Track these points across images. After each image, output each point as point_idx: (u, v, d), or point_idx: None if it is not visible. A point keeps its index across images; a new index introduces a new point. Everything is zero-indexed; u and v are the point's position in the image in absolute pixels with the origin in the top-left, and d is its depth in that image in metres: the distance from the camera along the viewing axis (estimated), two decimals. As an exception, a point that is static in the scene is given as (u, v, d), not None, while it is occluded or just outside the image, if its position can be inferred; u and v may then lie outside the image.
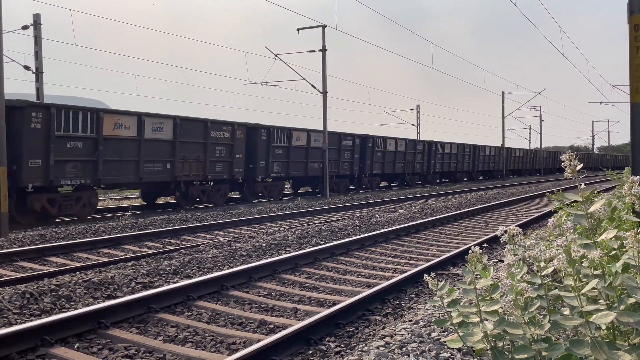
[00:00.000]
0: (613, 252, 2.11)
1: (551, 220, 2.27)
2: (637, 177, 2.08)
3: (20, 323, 5.06)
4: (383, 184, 34.66)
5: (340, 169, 27.16)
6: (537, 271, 1.99)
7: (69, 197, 15.01)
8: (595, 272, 1.89)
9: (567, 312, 1.88)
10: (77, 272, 7.43)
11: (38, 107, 14.05)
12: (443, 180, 41.81)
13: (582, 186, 2.09)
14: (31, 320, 5.10)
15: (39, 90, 21.01)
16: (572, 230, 2.15)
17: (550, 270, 1.93)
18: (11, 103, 12.98)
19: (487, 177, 49.05)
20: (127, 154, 16.21)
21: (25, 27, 20.88)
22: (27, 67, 21.08)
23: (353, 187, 29.84)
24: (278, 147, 22.72)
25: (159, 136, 17.21)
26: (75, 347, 4.66)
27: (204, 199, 19.60)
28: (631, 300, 1.79)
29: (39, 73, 20.99)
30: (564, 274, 1.87)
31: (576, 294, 1.79)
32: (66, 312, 5.31)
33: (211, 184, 20.02)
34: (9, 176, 12.51)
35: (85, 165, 15.01)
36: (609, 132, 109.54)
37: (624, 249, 2.01)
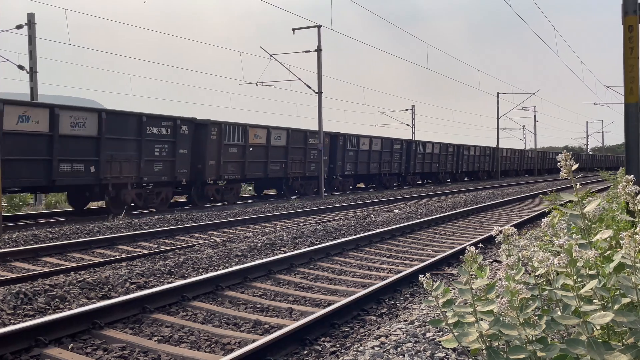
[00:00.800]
0: (607, 253, 2.12)
1: (545, 220, 2.28)
2: (632, 176, 2.09)
3: (14, 323, 5.03)
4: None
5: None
6: (531, 271, 2.00)
7: None
8: (590, 273, 1.90)
9: (559, 312, 1.89)
10: (72, 273, 7.40)
11: None
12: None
13: (578, 186, 2.09)
14: (25, 321, 5.07)
15: (33, 90, 20.93)
16: (565, 231, 2.16)
17: (543, 271, 1.94)
18: None
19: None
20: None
21: (19, 27, 20.80)
22: (21, 67, 21.00)
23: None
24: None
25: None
26: (70, 347, 4.64)
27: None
28: (625, 300, 1.80)
29: (33, 72, 20.91)
30: (552, 276, 1.88)
31: (574, 293, 1.80)
32: (60, 312, 5.29)
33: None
34: None
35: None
36: (603, 132, 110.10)
37: (617, 249, 2.01)
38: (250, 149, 21.03)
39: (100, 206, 18.50)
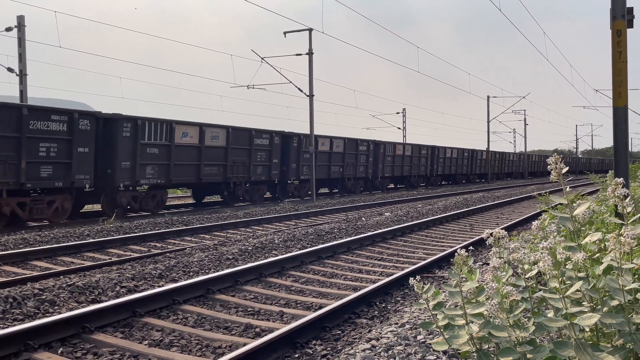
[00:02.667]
0: (596, 255, 2.14)
1: (535, 223, 2.29)
2: (621, 179, 2.11)
3: (3, 328, 4.99)
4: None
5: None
6: (522, 274, 2.01)
7: None
8: (579, 275, 1.91)
9: (550, 314, 1.90)
10: (61, 276, 7.35)
11: None
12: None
13: (567, 189, 2.11)
14: (14, 325, 5.04)
15: (22, 93, 20.80)
16: (555, 233, 2.17)
17: (534, 272, 1.95)
18: None
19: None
20: None
21: (8, 29, 20.67)
22: (10, 69, 20.87)
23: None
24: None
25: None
26: (59, 351, 4.61)
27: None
28: (614, 302, 1.81)
29: (22, 75, 20.78)
30: (548, 276, 1.89)
31: (561, 296, 1.81)
32: (50, 316, 5.26)
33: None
34: None
35: None
36: (592, 136, 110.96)
37: (606, 252, 2.03)
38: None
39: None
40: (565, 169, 2.11)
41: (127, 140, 16.45)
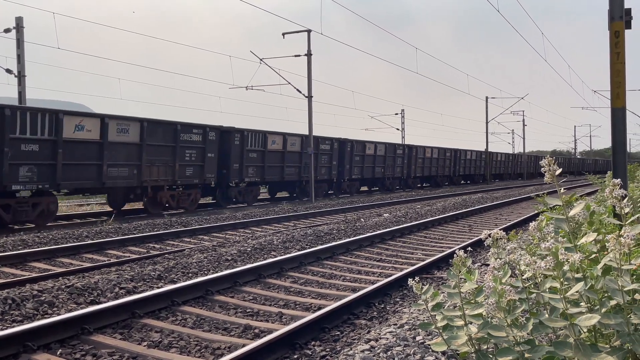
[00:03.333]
0: (593, 256, 2.14)
1: (532, 224, 2.30)
2: (618, 179, 2.11)
3: (2, 329, 4.99)
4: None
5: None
6: (519, 275, 2.02)
7: None
8: (576, 276, 1.92)
9: (547, 315, 1.91)
10: (60, 278, 7.35)
11: None
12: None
13: (562, 190, 2.12)
14: (13, 327, 5.03)
15: (21, 94, 20.79)
16: (553, 234, 2.18)
17: (529, 274, 1.96)
18: None
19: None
20: None
21: (7, 30, 20.66)
22: (9, 71, 20.85)
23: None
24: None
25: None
26: (58, 353, 4.61)
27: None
28: (612, 303, 1.82)
29: (21, 76, 20.77)
30: (539, 279, 1.89)
31: (561, 296, 1.82)
32: (49, 317, 5.25)
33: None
34: None
35: None
36: (590, 136, 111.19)
37: (604, 252, 2.04)
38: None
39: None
40: (559, 171, 2.12)
41: (237, 147, 20.95)
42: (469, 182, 48.01)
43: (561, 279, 1.84)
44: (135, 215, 18.35)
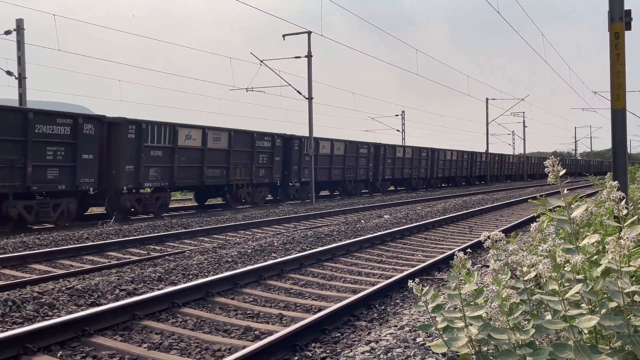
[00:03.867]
0: (594, 257, 2.14)
1: (534, 225, 2.30)
2: (616, 182, 2.11)
3: (2, 331, 4.99)
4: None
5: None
6: (520, 276, 2.02)
7: None
8: (578, 277, 1.92)
9: (549, 316, 1.91)
10: (60, 280, 7.35)
11: None
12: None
13: (565, 192, 2.12)
14: (13, 329, 5.03)
15: (21, 96, 20.80)
16: (554, 236, 2.18)
17: (532, 275, 1.96)
18: None
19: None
20: None
21: (7, 32, 20.68)
22: (9, 73, 20.87)
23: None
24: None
25: None
26: (59, 355, 4.61)
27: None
28: (612, 304, 1.82)
29: (21, 78, 20.78)
30: (544, 280, 1.89)
31: (560, 298, 1.82)
32: (49, 319, 5.25)
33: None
34: None
35: None
36: (591, 138, 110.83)
37: (604, 254, 2.04)
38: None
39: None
40: (563, 172, 2.12)
41: (296, 152, 24.48)
42: (482, 182, 49.77)
43: (559, 281, 1.84)
44: (216, 209, 21.42)
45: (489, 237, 2.15)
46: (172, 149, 18.05)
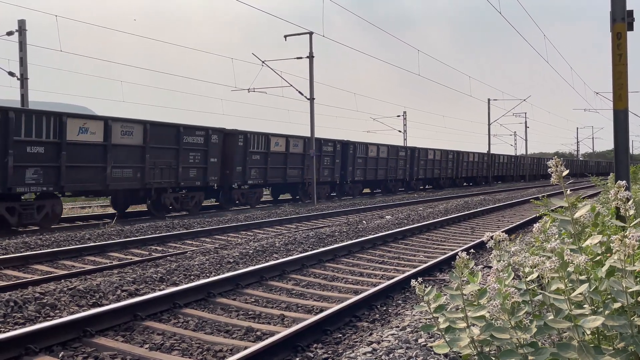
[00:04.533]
0: (597, 258, 2.13)
1: (536, 225, 2.29)
2: (623, 182, 2.10)
3: (4, 332, 4.99)
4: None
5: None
6: (523, 277, 2.01)
7: None
8: (581, 278, 1.91)
9: (551, 317, 1.90)
10: (62, 280, 7.35)
11: None
12: (376, 191, 32.87)
13: (568, 192, 2.11)
14: (15, 329, 5.03)
15: (23, 97, 20.83)
16: (557, 236, 2.17)
17: (535, 275, 1.95)
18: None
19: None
20: None
21: (9, 33, 20.71)
22: (11, 73, 20.90)
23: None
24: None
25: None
26: (60, 355, 4.60)
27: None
28: (616, 305, 1.81)
29: (23, 79, 20.81)
30: (547, 280, 1.89)
31: (565, 297, 1.81)
32: (51, 320, 5.25)
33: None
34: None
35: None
36: (593, 138, 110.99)
37: (608, 255, 2.03)
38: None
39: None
40: (566, 172, 2.11)
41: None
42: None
43: (565, 280, 1.84)
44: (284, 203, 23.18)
45: (491, 237, 2.15)
46: (267, 154, 22.49)
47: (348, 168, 29.00)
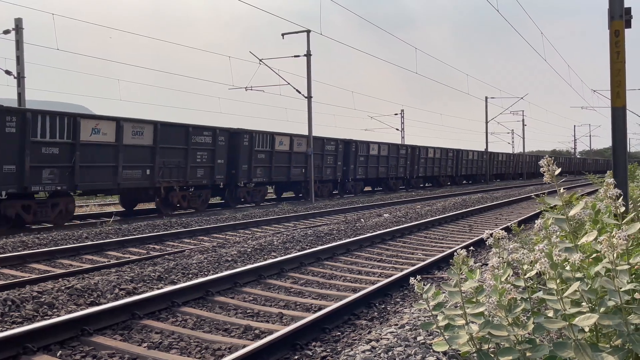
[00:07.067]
0: (595, 255, 2.13)
1: (538, 222, 2.29)
2: (612, 180, 2.11)
3: (2, 331, 4.98)
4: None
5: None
6: (521, 274, 2.01)
7: None
8: (577, 275, 1.91)
9: (551, 314, 1.90)
10: (60, 279, 7.33)
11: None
12: (377, 189, 33.31)
13: (562, 190, 2.11)
14: (13, 328, 5.02)
15: (20, 95, 20.78)
16: (558, 233, 2.17)
17: (533, 273, 1.95)
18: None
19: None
20: None
21: (6, 32, 20.65)
22: (8, 72, 20.84)
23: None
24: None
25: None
26: (58, 354, 4.60)
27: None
28: (611, 303, 1.81)
29: (20, 78, 20.75)
30: (548, 277, 1.89)
31: (558, 297, 1.81)
32: (48, 319, 5.24)
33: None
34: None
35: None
36: (590, 136, 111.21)
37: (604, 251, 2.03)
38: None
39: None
40: (558, 170, 2.11)
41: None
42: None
43: (557, 280, 1.84)
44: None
45: (491, 235, 2.15)
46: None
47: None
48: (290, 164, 24.10)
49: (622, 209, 2.08)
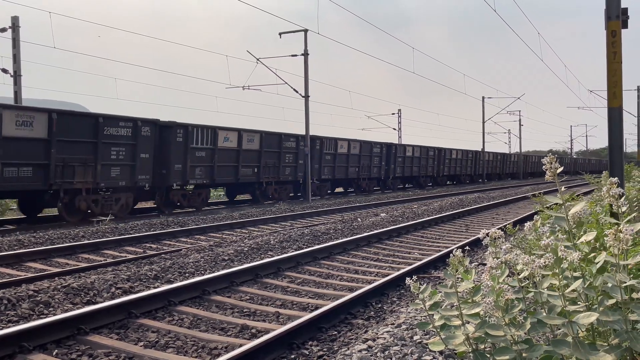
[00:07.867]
0: (592, 254, 2.14)
1: (528, 224, 2.29)
2: (615, 178, 2.11)
3: (-2, 330, 4.97)
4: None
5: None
6: (516, 274, 2.01)
7: None
8: (575, 274, 1.92)
9: (544, 314, 1.90)
10: (56, 278, 7.32)
11: None
12: (349, 190, 31.42)
13: (562, 189, 2.11)
14: (9, 327, 5.01)
15: (17, 94, 20.72)
16: (548, 234, 2.17)
17: (526, 273, 1.95)
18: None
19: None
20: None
21: (3, 30, 20.60)
22: (5, 70, 20.79)
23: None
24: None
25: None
26: (54, 353, 4.59)
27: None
28: (611, 301, 1.81)
29: (17, 76, 20.70)
30: (538, 278, 1.89)
31: (559, 293, 1.81)
32: (45, 318, 5.23)
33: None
34: None
35: None
36: (586, 136, 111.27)
37: (600, 251, 2.03)
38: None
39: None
40: (560, 169, 2.11)
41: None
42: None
43: (560, 276, 1.84)
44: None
45: (487, 234, 2.15)
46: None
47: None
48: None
49: (624, 208, 2.09)
